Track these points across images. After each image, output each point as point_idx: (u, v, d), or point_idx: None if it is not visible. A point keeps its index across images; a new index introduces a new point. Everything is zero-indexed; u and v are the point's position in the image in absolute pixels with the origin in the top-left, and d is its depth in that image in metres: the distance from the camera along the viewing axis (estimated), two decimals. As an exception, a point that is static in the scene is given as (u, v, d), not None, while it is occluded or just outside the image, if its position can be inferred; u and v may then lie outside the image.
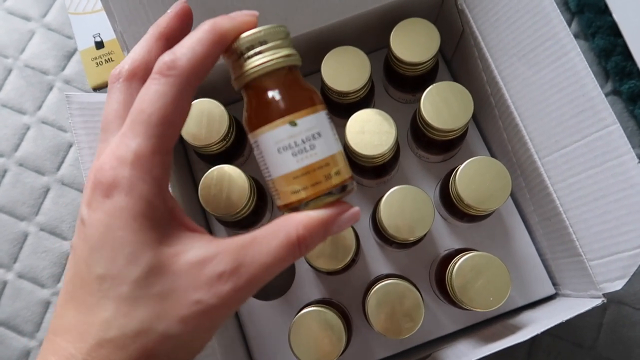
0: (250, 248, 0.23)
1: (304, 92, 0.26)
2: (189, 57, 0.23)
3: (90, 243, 0.22)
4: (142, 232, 0.22)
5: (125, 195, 0.22)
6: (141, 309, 0.22)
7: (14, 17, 0.55)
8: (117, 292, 0.22)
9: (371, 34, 0.44)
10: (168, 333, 0.22)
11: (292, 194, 0.25)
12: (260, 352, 0.44)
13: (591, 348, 0.45)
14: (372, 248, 0.46)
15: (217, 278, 0.22)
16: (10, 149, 0.52)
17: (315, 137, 0.25)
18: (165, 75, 0.23)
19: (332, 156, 0.25)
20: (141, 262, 0.22)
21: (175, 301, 0.22)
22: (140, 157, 0.22)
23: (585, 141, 0.35)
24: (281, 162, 0.25)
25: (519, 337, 0.35)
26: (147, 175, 0.22)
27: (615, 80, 0.50)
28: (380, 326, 0.37)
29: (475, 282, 0.37)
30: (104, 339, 0.21)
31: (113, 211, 0.22)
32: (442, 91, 0.39)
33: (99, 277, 0.22)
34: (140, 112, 0.23)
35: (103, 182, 0.22)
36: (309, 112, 0.25)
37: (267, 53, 0.25)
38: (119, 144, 0.23)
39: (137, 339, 0.22)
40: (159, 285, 0.22)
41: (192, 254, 0.23)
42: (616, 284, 0.34)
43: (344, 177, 0.26)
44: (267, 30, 0.25)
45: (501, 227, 0.45)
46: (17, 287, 0.49)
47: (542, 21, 0.36)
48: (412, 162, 0.47)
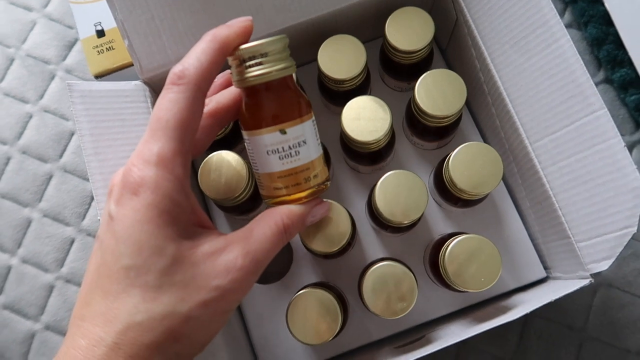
0: (252, 238, 0.27)
1: (296, 102, 0.29)
2: (196, 66, 0.26)
3: (118, 236, 0.25)
4: (165, 227, 0.25)
5: (151, 192, 0.24)
6: (166, 294, 0.24)
7: (15, 8, 0.56)
8: (143, 280, 0.24)
9: (367, 23, 0.45)
10: (191, 315, 0.25)
11: (275, 189, 0.29)
12: (259, 334, 0.45)
13: (581, 330, 0.46)
14: (368, 233, 0.47)
15: (232, 265, 0.26)
16: (14, 137, 0.53)
17: (300, 144, 0.29)
18: (177, 84, 0.26)
19: (312, 161, 0.30)
20: (165, 253, 0.25)
21: (197, 287, 0.25)
22: (163, 159, 0.25)
23: (574, 126, 0.36)
24: (268, 162, 0.29)
25: (509, 316, 0.36)
26: (170, 174, 0.25)
27: (607, 68, 0.51)
28: (375, 307, 0.38)
29: (467, 264, 0.38)
30: (133, 322, 0.24)
31: (140, 207, 0.24)
32: (436, 79, 0.40)
33: (126, 267, 0.24)
34: (158, 120, 0.26)
35: (131, 181, 0.25)
36: (298, 122, 0.29)
37: (266, 65, 0.28)
38: (142, 148, 0.26)
39: (164, 321, 0.24)
40: (180, 273, 0.25)
41: (207, 246, 0.26)
42: (603, 264, 0.35)
43: (321, 180, 0.30)
44: (269, 43, 0.28)
45: (494, 213, 0.47)
46: (21, 271, 0.50)
47: (534, 9, 0.37)
48: (408, 149, 0.48)
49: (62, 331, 0.50)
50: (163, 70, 0.40)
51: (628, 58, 0.49)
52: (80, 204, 0.52)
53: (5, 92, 0.54)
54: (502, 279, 0.45)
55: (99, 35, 0.48)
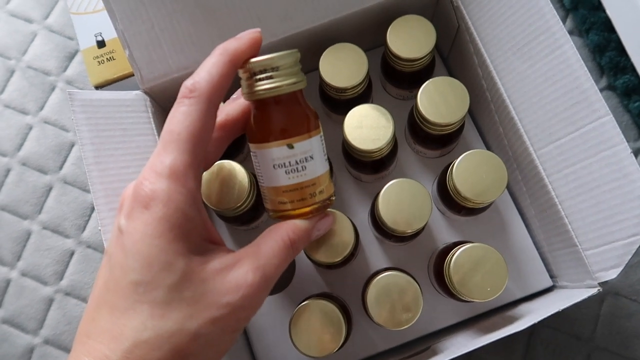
0: (260, 254, 0.27)
1: (304, 117, 0.29)
2: (207, 79, 0.26)
3: (127, 250, 0.24)
4: (176, 242, 0.24)
5: (163, 206, 0.24)
6: (175, 311, 0.24)
7: (16, 19, 0.56)
8: (151, 296, 0.24)
9: (369, 31, 0.45)
10: (200, 332, 0.24)
11: (280, 204, 0.29)
12: (261, 345, 0.45)
13: (589, 339, 0.46)
14: (371, 242, 0.46)
15: (242, 282, 0.25)
16: (14, 148, 0.53)
17: (307, 159, 0.29)
18: (188, 97, 0.26)
19: (319, 177, 0.29)
20: (175, 269, 0.24)
21: (206, 304, 0.24)
22: (175, 172, 0.25)
23: (579, 132, 0.36)
24: (274, 176, 0.29)
25: (516, 327, 0.35)
26: (183, 187, 0.25)
27: (610, 75, 0.50)
28: (380, 317, 0.38)
29: (473, 273, 0.37)
30: (140, 340, 0.23)
31: (151, 221, 0.24)
32: (439, 86, 0.40)
33: (134, 283, 0.24)
34: (170, 133, 0.26)
35: (142, 195, 0.24)
36: (306, 137, 0.29)
37: (276, 78, 0.28)
38: (154, 161, 0.25)
39: (171, 339, 0.24)
40: (190, 290, 0.24)
41: (217, 262, 0.26)
42: (611, 273, 0.34)
43: (326, 195, 0.30)
44: (280, 57, 0.28)
45: (498, 221, 0.46)
46: (21, 284, 0.50)
47: (536, 15, 0.37)
48: (410, 158, 0.48)
49: (62, 345, 0.49)
50: (164, 80, 0.40)
51: (631, 64, 0.49)
52: (81, 215, 0.51)
53: (6, 104, 0.54)
54: (507, 288, 0.44)
55: (99, 45, 0.47)
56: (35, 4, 0.56)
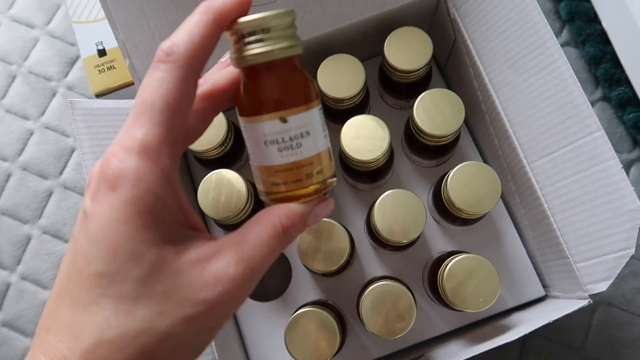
0: (246, 243, 0.23)
1: (300, 87, 0.25)
2: (186, 41, 0.22)
3: (91, 236, 0.21)
4: (146, 228, 0.21)
5: (131, 187, 0.21)
6: (143, 307, 0.21)
7: (18, 25, 0.56)
8: (117, 290, 0.21)
9: (366, 42, 0.45)
10: (171, 332, 0.21)
11: (273, 185, 0.26)
12: (257, 352, 0.45)
13: (580, 349, 0.46)
14: (366, 251, 0.47)
15: (222, 275, 0.22)
16: (15, 153, 0.53)
17: (303, 135, 0.25)
18: (164, 62, 0.22)
19: (317, 155, 0.25)
20: (144, 259, 0.21)
21: (179, 300, 0.21)
22: (147, 147, 0.21)
23: (571, 147, 0.36)
24: (266, 154, 0.25)
25: (508, 336, 0.36)
26: (155, 165, 0.21)
27: (605, 86, 0.51)
28: (374, 326, 0.38)
29: (466, 284, 0.38)
30: (102, 339, 0.21)
31: (118, 204, 0.21)
32: (435, 98, 0.40)
33: (98, 274, 0.21)
34: (143, 102, 0.22)
35: (109, 173, 0.21)
36: (302, 110, 0.25)
37: (268, 42, 0.24)
38: (124, 135, 0.22)
39: (137, 339, 0.21)
40: (161, 283, 0.21)
41: (194, 252, 0.22)
42: (601, 285, 0.35)
43: (326, 176, 0.26)
44: (272, 17, 0.24)
45: (493, 230, 0.47)
46: (20, 288, 0.50)
47: (531, 30, 0.38)
48: (406, 167, 0.48)
49: (61, 348, 0.49)
50: (163, 89, 0.40)
51: (625, 76, 0.50)
52: (80, 220, 0.52)
53: (7, 109, 0.54)
54: (501, 297, 0.45)
55: (100, 54, 0.48)
56: (37, 9, 0.56)
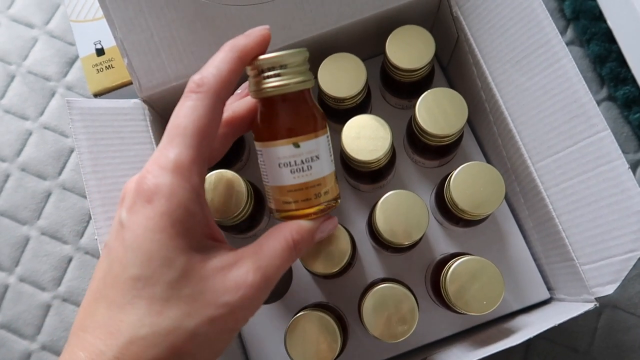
0: (262, 253, 0.27)
1: (311, 117, 0.29)
2: (215, 74, 0.26)
3: (127, 244, 0.24)
4: (177, 238, 0.24)
5: (166, 200, 0.24)
6: (173, 308, 0.23)
7: (17, 24, 0.56)
8: (150, 292, 0.23)
9: (368, 41, 0.45)
10: (197, 331, 0.24)
11: (284, 203, 0.29)
12: (257, 355, 0.45)
13: (586, 352, 0.45)
14: (368, 253, 0.46)
15: (242, 282, 0.25)
16: (13, 154, 0.53)
17: (313, 159, 0.28)
18: (195, 92, 0.26)
19: (324, 177, 0.29)
20: (175, 265, 0.24)
21: (205, 302, 0.24)
22: (179, 166, 0.24)
23: (577, 147, 0.36)
24: (279, 175, 0.28)
25: (512, 340, 0.35)
26: (187, 183, 0.24)
27: (610, 86, 0.50)
28: (376, 330, 0.37)
29: (469, 286, 0.37)
30: (136, 337, 0.23)
31: (153, 216, 0.24)
32: (437, 97, 0.40)
33: (133, 277, 0.23)
34: (176, 127, 0.25)
35: (145, 189, 0.24)
36: (312, 137, 0.28)
37: (284, 77, 0.27)
38: (159, 155, 0.25)
39: (168, 337, 0.23)
40: (189, 287, 0.24)
41: (217, 260, 0.25)
42: (608, 288, 0.34)
43: (331, 197, 0.30)
44: (289, 55, 0.28)
45: (496, 232, 0.46)
46: (19, 290, 0.50)
47: (535, 28, 0.37)
48: (409, 168, 0.48)
49: (59, 351, 0.49)
50: (162, 88, 0.40)
51: (631, 76, 0.49)
52: (79, 222, 0.51)
53: (6, 109, 0.54)
54: (505, 300, 0.44)
55: (98, 53, 0.48)
56: (36, 9, 0.56)
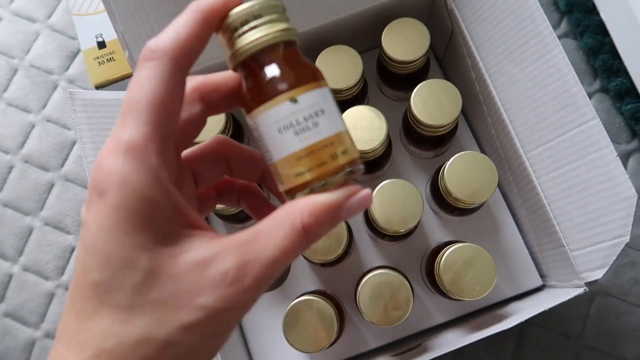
0: (254, 243, 0.21)
1: (305, 67, 0.24)
2: (172, 38, 0.22)
3: (86, 245, 0.21)
4: (136, 233, 0.20)
5: (117, 190, 0.20)
6: (140, 316, 0.20)
7: (20, 19, 0.57)
8: (113, 299, 0.20)
9: (364, 34, 0.45)
10: (170, 341, 0.20)
11: (296, 176, 0.23)
12: (256, 341, 0.46)
13: (578, 338, 0.46)
14: (364, 241, 0.47)
15: (221, 279, 0.20)
16: (16, 146, 0.54)
17: (318, 114, 0.23)
18: (149, 59, 0.22)
19: (337, 134, 0.23)
20: (136, 266, 0.20)
21: (177, 307, 0.20)
22: (132, 147, 0.20)
23: (567, 135, 0.37)
24: (283, 142, 0.23)
25: (504, 324, 0.36)
26: (141, 165, 0.20)
27: (603, 77, 0.51)
28: (372, 315, 0.38)
29: (462, 272, 0.38)
30: (102, 350, 0.20)
31: (105, 210, 0.20)
32: (432, 88, 0.41)
33: (95, 283, 0.20)
34: (128, 102, 0.21)
35: (98, 179, 0.21)
36: (311, 88, 0.23)
37: (262, 27, 0.23)
38: (111, 138, 0.21)
39: (137, 349, 0.20)
40: (157, 290, 0.20)
41: (192, 254, 0.21)
42: (597, 273, 0.35)
43: (352, 157, 0.24)
44: (262, 4, 0.23)
45: (490, 221, 0.47)
46: (23, 279, 0.51)
47: (527, 20, 0.38)
48: (405, 158, 0.49)
49: (62, 338, 0.50)
50: (162, 80, 0.40)
51: (624, 67, 0.50)
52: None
53: (9, 102, 0.55)
54: (498, 287, 0.45)
55: (99, 46, 0.48)
56: (38, 3, 0.57)
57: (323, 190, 0.23)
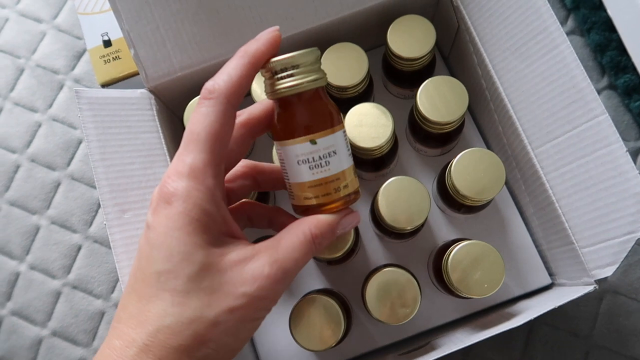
0: (279, 247, 0.28)
1: (326, 114, 0.30)
2: (226, 80, 0.27)
3: (152, 242, 0.26)
4: (195, 234, 0.26)
5: (182, 202, 0.26)
6: (194, 300, 0.25)
7: (26, 19, 0.57)
8: (172, 285, 0.25)
9: (370, 31, 0.45)
10: (217, 320, 0.25)
11: (305, 199, 0.30)
12: (263, 339, 0.46)
13: (587, 337, 0.46)
14: (371, 239, 0.47)
15: (259, 273, 0.26)
16: (23, 145, 0.54)
17: (331, 154, 0.29)
18: (207, 99, 0.27)
19: (343, 171, 0.30)
20: (194, 260, 0.26)
21: (224, 293, 0.26)
22: (194, 170, 0.26)
23: (575, 131, 0.36)
24: (299, 172, 0.29)
25: (512, 323, 0.36)
26: (201, 185, 0.26)
27: (611, 74, 0.51)
28: (379, 313, 0.38)
29: (470, 270, 0.38)
30: (162, 325, 0.25)
31: (172, 216, 0.26)
32: (438, 85, 0.40)
33: (157, 272, 0.26)
34: (191, 133, 0.27)
35: (165, 192, 0.26)
36: (329, 133, 0.29)
37: (298, 76, 0.28)
38: (177, 162, 0.27)
39: (191, 325, 0.25)
40: (208, 280, 0.26)
41: (235, 254, 0.27)
42: (607, 270, 0.35)
43: (351, 190, 0.30)
44: (300, 55, 0.29)
45: (498, 219, 0.46)
46: (29, 278, 0.51)
47: (533, 16, 0.38)
48: (411, 156, 0.48)
49: (69, 337, 0.50)
50: (168, 79, 0.40)
51: (631, 64, 0.49)
52: (88, 211, 0.52)
53: (15, 102, 0.55)
54: (506, 285, 0.45)
55: (105, 45, 0.49)
56: (44, 4, 0.57)
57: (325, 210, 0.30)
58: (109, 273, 0.51)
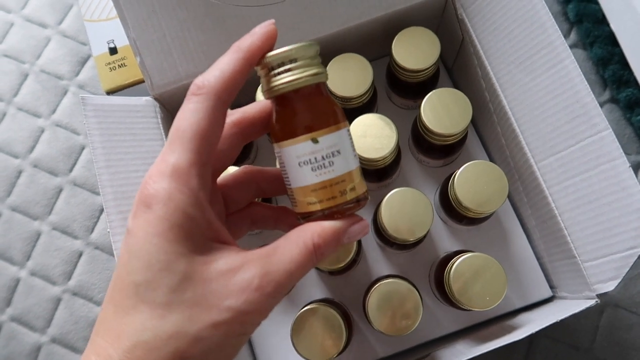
0: (274, 257, 0.25)
1: (328, 110, 0.27)
2: (217, 76, 0.25)
3: (130, 250, 0.24)
4: (176, 242, 0.24)
5: (163, 205, 0.24)
6: (174, 313, 0.23)
7: (31, 24, 0.57)
8: (151, 296, 0.23)
9: (374, 42, 0.45)
10: (200, 336, 0.23)
11: (308, 204, 0.27)
12: (263, 349, 0.45)
13: (588, 350, 0.46)
14: (373, 250, 0.47)
15: (246, 285, 0.24)
16: (26, 150, 0.54)
17: (334, 154, 0.26)
18: (196, 94, 0.25)
19: (349, 173, 0.27)
20: (175, 269, 0.23)
21: (207, 307, 0.23)
22: (177, 170, 0.24)
23: (579, 146, 0.36)
24: (301, 174, 0.27)
25: (514, 336, 0.36)
26: (184, 186, 0.24)
27: (613, 88, 0.51)
28: (380, 324, 0.38)
29: (472, 282, 0.38)
30: (139, 341, 0.23)
31: (151, 220, 0.24)
32: (442, 97, 0.41)
33: (136, 282, 0.23)
34: (176, 130, 0.25)
35: (145, 194, 0.24)
36: (331, 130, 0.26)
37: (296, 71, 0.26)
38: (160, 160, 0.25)
39: (170, 341, 0.23)
40: (191, 291, 0.23)
41: (221, 263, 0.24)
42: (609, 285, 0.35)
43: (358, 193, 0.27)
44: (298, 49, 0.26)
45: (499, 231, 0.47)
46: (30, 284, 0.51)
47: (538, 30, 0.38)
48: (414, 167, 0.49)
49: (68, 344, 0.50)
50: (173, 87, 0.41)
51: (634, 78, 0.50)
52: (89, 217, 0.52)
53: (19, 107, 0.55)
54: (507, 298, 0.45)
55: (111, 52, 0.49)
56: (50, 9, 0.57)
57: (331, 217, 0.27)
58: (109, 280, 0.51)
